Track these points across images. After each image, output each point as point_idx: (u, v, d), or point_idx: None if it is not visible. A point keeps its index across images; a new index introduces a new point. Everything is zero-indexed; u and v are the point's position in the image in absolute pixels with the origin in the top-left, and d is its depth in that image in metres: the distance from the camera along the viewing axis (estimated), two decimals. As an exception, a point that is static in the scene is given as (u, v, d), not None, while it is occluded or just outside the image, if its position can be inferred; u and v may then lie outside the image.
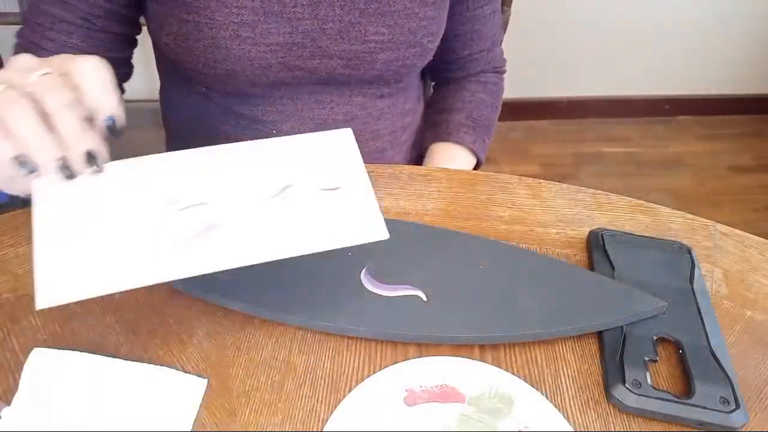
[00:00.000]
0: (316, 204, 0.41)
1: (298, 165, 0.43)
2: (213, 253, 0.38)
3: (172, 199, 0.40)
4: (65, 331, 0.46)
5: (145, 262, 0.37)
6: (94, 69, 0.40)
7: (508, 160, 1.97)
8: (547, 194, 0.62)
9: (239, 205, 0.40)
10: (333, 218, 0.41)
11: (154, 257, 0.37)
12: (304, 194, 0.42)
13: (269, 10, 0.61)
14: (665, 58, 2.13)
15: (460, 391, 0.43)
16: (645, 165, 2.04)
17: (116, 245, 0.38)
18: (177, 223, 0.39)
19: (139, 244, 0.38)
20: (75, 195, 0.39)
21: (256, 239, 0.39)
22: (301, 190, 0.42)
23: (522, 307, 0.48)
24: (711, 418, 0.42)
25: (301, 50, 0.63)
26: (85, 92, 0.40)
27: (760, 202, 1.94)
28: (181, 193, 0.40)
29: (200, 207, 0.40)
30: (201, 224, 0.39)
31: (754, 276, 0.55)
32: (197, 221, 0.39)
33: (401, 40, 0.65)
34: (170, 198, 0.40)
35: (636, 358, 0.45)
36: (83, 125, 0.39)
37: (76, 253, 0.37)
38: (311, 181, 0.42)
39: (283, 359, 0.46)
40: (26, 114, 0.38)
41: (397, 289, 0.49)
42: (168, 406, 0.42)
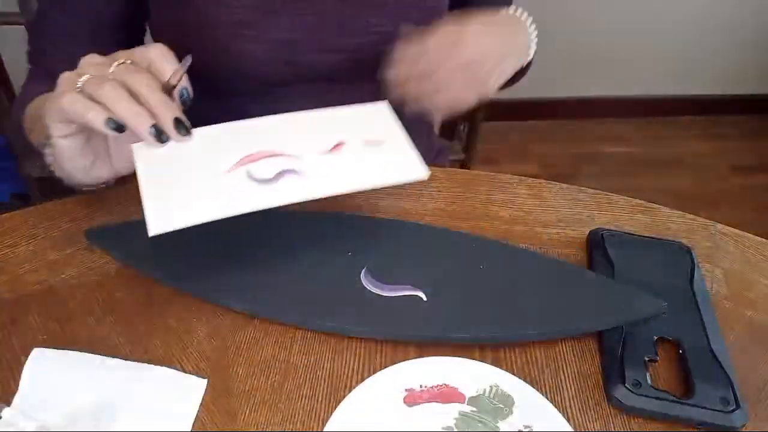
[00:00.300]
0: (366, 154, 0.49)
1: (347, 126, 0.51)
2: (287, 189, 0.46)
3: (250, 151, 0.47)
4: (65, 331, 0.46)
5: (234, 197, 0.44)
6: (161, 53, 0.47)
7: (508, 160, 1.97)
8: (547, 194, 0.62)
9: (303, 157, 0.48)
10: (381, 163, 0.49)
11: (241, 193, 0.45)
12: (355, 147, 0.49)
13: (269, 7, 0.61)
14: (665, 58, 2.13)
15: (460, 391, 0.43)
16: (645, 165, 2.04)
17: (209, 185, 0.45)
18: (255, 169, 0.46)
19: (227, 184, 0.45)
20: (169, 151, 0.46)
21: (321, 180, 0.47)
22: (352, 145, 0.49)
23: (522, 307, 0.48)
24: (711, 418, 0.42)
25: (303, 45, 0.63)
26: (160, 72, 0.46)
27: (760, 202, 1.93)
28: (256, 148, 0.48)
29: (272, 158, 0.47)
30: (274, 171, 0.46)
31: (754, 276, 0.55)
32: (271, 169, 0.46)
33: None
34: (247, 150, 0.47)
35: (636, 358, 0.45)
36: (166, 98, 0.45)
37: (176, 192, 0.44)
38: (359, 137, 0.50)
39: (283, 359, 0.45)
40: (118, 91, 0.44)
41: (397, 289, 0.49)
42: (168, 406, 0.42)
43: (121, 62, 0.46)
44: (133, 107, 0.44)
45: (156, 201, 0.43)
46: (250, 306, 0.48)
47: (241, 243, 0.52)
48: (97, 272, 0.51)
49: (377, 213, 0.57)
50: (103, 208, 0.57)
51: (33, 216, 0.55)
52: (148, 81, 0.45)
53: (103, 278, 0.50)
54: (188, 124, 0.46)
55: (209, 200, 0.44)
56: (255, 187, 0.45)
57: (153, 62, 0.46)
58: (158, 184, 0.45)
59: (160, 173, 0.45)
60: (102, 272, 0.51)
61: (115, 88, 0.44)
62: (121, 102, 0.43)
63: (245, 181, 0.45)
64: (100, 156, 0.49)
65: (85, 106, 0.43)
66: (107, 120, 0.43)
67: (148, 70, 0.46)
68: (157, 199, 0.44)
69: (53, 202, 0.57)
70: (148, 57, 0.46)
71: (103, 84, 0.44)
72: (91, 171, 0.49)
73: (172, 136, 0.46)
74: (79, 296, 0.49)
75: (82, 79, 0.45)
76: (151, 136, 0.45)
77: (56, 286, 0.49)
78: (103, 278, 0.50)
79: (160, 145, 0.46)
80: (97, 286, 0.50)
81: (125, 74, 0.45)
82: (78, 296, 0.49)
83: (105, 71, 0.45)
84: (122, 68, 0.46)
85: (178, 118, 0.46)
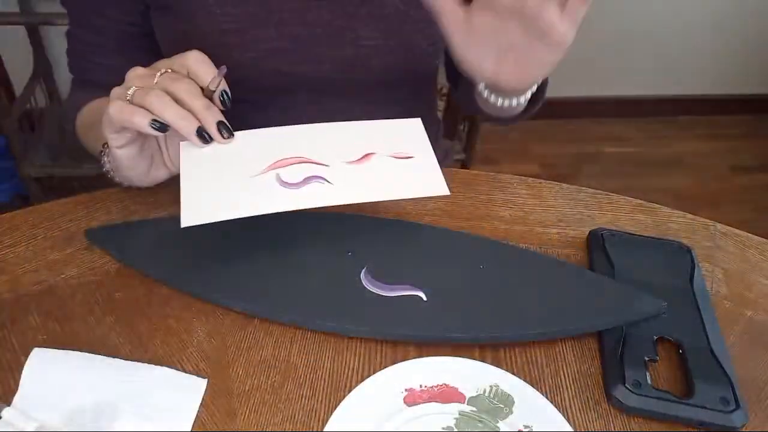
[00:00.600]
0: (392, 166, 0.51)
1: (378, 139, 0.53)
2: (311, 194, 0.48)
3: (282, 156, 0.50)
4: (65, 331, 0.46)
5: (261, 198, 0.47)
6: (199, 60, 0.50)
7: (508, 160, 1.97)
8: (547, 194, 0.62)
9: (331, 165, 0.50)
10: (405, 177, 0.51)
11: (268, 195, 0.48)
12: (382, 160, 0.52)
13: (256, 16, 0.60)
14: (666, 58, 2.13)
15: (460, 391, 0.43)
16: (645, 165, 2.04)
17: (241, 185, 0.48)
18: (284, 173, 0.49)
19: (257, 185, 0.48)
20: (211, 150, 0.50)
21: (344, 188, 0.49)
22: (380, 157, 0.52)
23: (522, 307, 0.48)
24: (711, 418, 0.42)
25: (291, 55, 0.62)
26: (198, 77, 0.50)
27: (761, 202, 1.93)
28: (288, 154, 0.51)
29: (301, 164, 0.50)
30: (302, 176, 0.49)
31: (754, 276, 0.55)
32: (299, 174, 0.49)
33: (396, 44, 0.64)
34: (280, 155, 0.50)
35: (636, 358, 0.45)
36: (208, 102, 0.49)
37: (211, 189, 0.48)
38: (388, 151, 0.52)
39: (283, 359, 0.46)
40: (163, 98, 0.47)
41: (397, 289, 0.49)
42: (168, 406, 0.42)
43: (163, 71, 0.49)
44: (179, 112, 0.48)
45: (191, 196, 0.47)
46: (250, 306, 0.48)
47: (241, 243, 0.52)
48: (97, 272, 0.51)
49: (377, 213, 0.57)
50: (103, 208, 0.57)
51: (33, 216, 0.55)
52: (189, 87, 0.48)
53: (103, 278, 0.50)
54: (230, 127, 0.50)
55: (238, 199, 0.47)
56: (282, 190, 0.48)
57: (191, 69, 0.50)
58: (196, 180, 0.48)
59: (200, 171, 0.49)
60: (102, 272, 0.51)
61: (160, 95, 0.47)
62: (168, 108, 0.47)
63: (274, 183, 0.48)
64: (155, 160, 0.54)
65: (131, 112, 0.47)
66: (151, 121, 0.47)
67: (189, 77, 0.50)
68: (193, 194, 0.47)
69: (53, 202, 0.57)
70: (186, 64, 0.50)
71: (150, 93, 0.47)
72: (149, 175, 0.54)
73: (216, 138, 0.50)
74: (79, 296, 0.49)
75: (130, 91, 0.48)
76: (197, 138, 0.49)
77: (56, 286, 0.49)
78: (103, 278, 0.50)
79: (205, 145, 0.50)
80: (97, 286, 0.50)
81: (168, 82, 0.48)
82: (78, 296, 0.49)
83: (150, 82, 0.49)
84: (165, 77, 0.49)
85: (221, 122, 0.49)
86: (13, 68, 1.72)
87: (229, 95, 0.51)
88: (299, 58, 0.63)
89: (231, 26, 0.60)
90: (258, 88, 0.64)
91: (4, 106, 1.46)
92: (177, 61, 0.50)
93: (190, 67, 0.50)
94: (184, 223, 0.45)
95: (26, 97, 1.59)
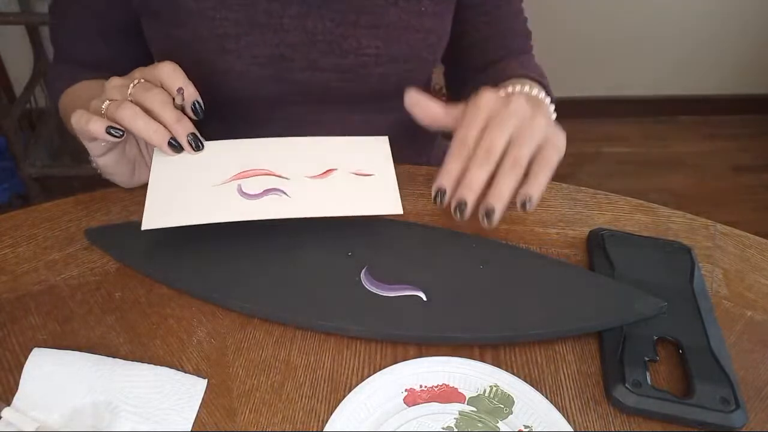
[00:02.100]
0: (351, 183, 0.53)
1: (342, 155, 0.55)
2: (267, 206, 0.50)
3: (246, 167, 0.53)
4: (65, 331, 0.46)
5: (219, 207, 0.49)
6: (172, 71, 0.51)
7: (508, 160, 1.96)
8: (547, 194, 0.62)
9: (292, 178, 0.52)
10: (361, 194, 0.52)
11: (226, 204, 0.50)
12: (343, 176, 0.53)
13: (254, 22, 0.59)
14: (665, 58, 2.13)
15: (460, 391, 0.43)
16: (645, 165, 2.04)
17: (203, 193, 0.50)
18: (245, 185, 0.51)
19: (218, 194, 0.50)
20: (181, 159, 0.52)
21: (300, 202, 0.51)
22: (341, 173, 0.53)
23: (522, 307, 0.48)
24: (711, 418, 0.42)
25: (291, 63, 0.62)
26: (171, 89, 0.51)
27: (761, 202, 1.93)
28: (252, 165, 0.53)
29: (262, 176, 0.52)
30: (261, 188, 0.51)
31: (754, 276, 0.55)
32: (259, 186, 0.51)
33: (398, 53, 0.63)
34: (244, 166, 0.53)
35: (636, 358, 0.45)
36: (179, 114, 0.51)
37: (174, 195, 0.50)
38: (349, 167, 0.54)
39: (283, 359, 0.46)
40: (134, 110, 0.49)
41: (397, 289, 0.49)
42: (168, 406, 0.42)
43: (137, 82, 0.51)
44: (149, 124, 0.49)
45: (155, 201, 0.49)
46: (250, 306, 0.48)
47: (241, 243, 0.52)
48: (97, 272, 0.51)
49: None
50: (103, 208, 0.57)
51: (33, 216, 0.55)
52: (161, 97, 0.50)
53: (103, 278, 0.50)
54: (200, 138, 0.52)
55: (198, 206, 0.49)
56: (240, 201, 0.50)
57: (163, 81, 0.51)
58: (162, 187, 0.50)
59: (167, 177, 0.51)
60: (102, 272, 0.51)
61: (130, 107, 0.49)
62: (138, 119, 0.49)
63: (234, 193, 0.51)
64: (138, 163, 0.56)
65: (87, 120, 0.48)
66: (108, 128, 0.48)
67: (161, 87, 0.51)
68: (157, 199, 0.49)
69: (53, 202, 0.57)
70: (158, 76, 0.51)
71: (121, 105, 0.49)
72: (133, 178, 0.56)
73: (186, 149, 0.52)
74: (79, 296, 0.49)
75: (104, 105, 0.50)
76: (168, 148, 0.51)
77: (56, 286, 0.50)
78: (103, 278, 0.50)
79: (176, 155, 0.52)
80: (97, 286, 0.50)
81: (141, 93, 0.50)
82: (78, 296, 0.49)
83: (125, 93, 0.50)
84: (138, 87, 0.50)
85: (192, 133, 0.51)
86: (13, 68, 1.72)
87: (202, 105, 0.52)
88: (299, 66, 0.62)
89: (229, 31, 0.59)
90: (254, 95, 0.63)
91: (4, 106, 1.46)
92: (150, 72, 0.51)
93: (162, 78, 0.51)
94: (144, 226, 0.48)
95: (26, 97, 1.59)
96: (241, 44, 0.60)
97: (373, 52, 0.62)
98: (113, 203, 0.57)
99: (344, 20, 0.61)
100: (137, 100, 0.50)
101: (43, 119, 1.65)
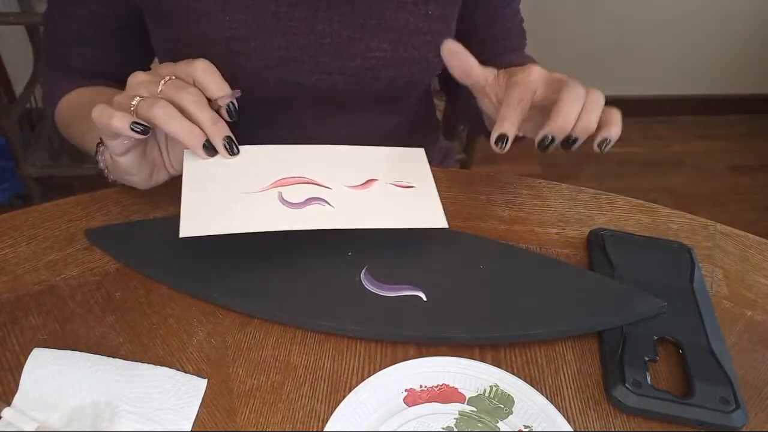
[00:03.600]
0: (393, 195, 0.52)
1: (381, 166, 0.54)
2: (311, 216, 0.49)
3: (285, 174, 0.51)
4: (65, 331, 0.46)
5: (262, 216, 0.48)
6: (207, 71, 0.48)
7: (508, 160, 1.97)
8: (547, 194, 0.62)
9: (333, 188, 0.51)
10: (405, 207, 0.51)
11: (269, 213, 0.48)
12: (384, 187, 0.52)
13: (263, 24, 0.59)
14: (665, 58, 2.13)
15: (460, 391, 0.43)
16: (645, 165, 2.04)
17: (242, 200, 0.48)
18: (287, 193, 0.50)
19: (259, 202, 0.48)
20: (214, 162, 0.50)
21: (344, 213, 0.49)
22: (381, 184, 0.52)
23: (522, 307, 0.48)
24: (711, 418, 0.42)
25: (299, 65, 0.62)
26: (206, 88, 0.48)
27: (761, 202, 1.94)
28: (292, 173, 0.51)
29: (304, 185, 0.51)
30: (303, 197, 0.50)
31: (754, 276, 0.55)
32: (301, 194, 0.50)
33: (405, 56, 0.63)
34: (283, 173, 0.51)
35: (636, 358, 0.45)
36: (215, 116, 0.48)
37: (212, 202, 0.48)
38: (390, 178, 0.53)
39: (283, 359, 0.46)
40: (170, 110, 0.46)
41: (397, 289, 0.49)
42: (168, 406, 0.42)
43: (168, 79, 0.48)
44: (185, 125, 0.47)
45: (192, 207, 0.47)
46: (250, 306, 0.48)
47: (241, 243, 0.52)
48: (97, 272, 0.51)
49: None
50: (103, 208, 0.57)
51: (33, 216, 0.55)
52: (196, 98, 0.47)
53: (103, 278, 0.50)
54: (236, 142, 0.50)
55: (239, 214, 0.47)
56: (283, 209, 0.48)
57: (198, 79, 0.48)
58: (197, 191, 0.48)
59: (202, 182, 0.49)
60: (102, 272, 0.51)
61: (165, 107, 0.46)
62: (174, 120, 0.46)
63: (275, 201, 0.49)
64: (157, 164, 0.53)
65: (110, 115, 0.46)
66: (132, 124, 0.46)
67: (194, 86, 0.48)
68: (193, 205, 0.47)
69: (53, 202, 0.57)
70: (192, 74, 0.48)
71: (155, 104, 0.46)
72: (151, 179, 0.53)
73: (222, 153, 0.50)
74: (79, 296, 0.49)
75: (134, 101, 0.47)
76: (203, 151, 0.49)
77: (56, 286, 0.49)
78: (103, 278, 0.50)
79: (209, 158, 0.49)
80: (97, 286, 0.50)
81: (173, 91, 0.47)
82: (78, 296, 0.49)
83: (154, 90, 0.48)
84: (170, 85, 0.48)
85: (227, 136, 0.49)
86: (13, 68, 1.72)
87: (237, 106, 0.50)
88: (307, 69, 0.62)
89: (238, 33, 0.59)
90: (263, 97, 0.63)
91: (4, 106, 1.46)
92: (183, 69, 0.49)
93: (197, 76, 0.48)
94: (182, 233, 0.45)
95: (26, 97, 1.59)
96: (249, 47, 0.60)
97: (381, 55, 0.63)
98: (113, 203, 0.57)
99: (352, 23, 0.61)
100: (170, 99, 0.47)
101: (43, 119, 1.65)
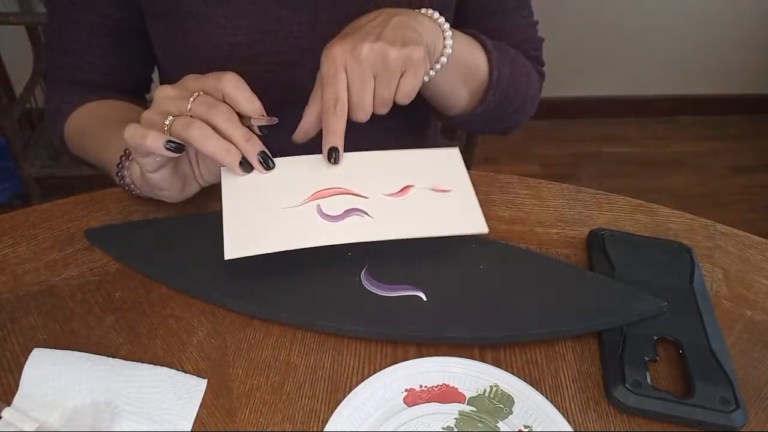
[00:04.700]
0: (432, 201, 0.51)
1: (416, 170, 0.53)
2: (352, 229, 0.48)
3: (322, 186, 0.50)
4: (65, 331, 0.46)
5: (304, 231, 0.47)
6: (236, 83, 0.48)
7: (508, 160, 1.97)
8: (547, 194, 0.62)
9: (371, 197, 0.50)
10: (445, 213, 0.50)
11: (310, 228, 0.48)
12: (422, 193, 0.51)
13: (265, 29, 0.59)
14: (665, 57, 2.13)
15: (460, 391, 0.43)
16: (645, 165, 2.04)
17: (282, 216, 0.48)
18: (325, 205, 0.49)
19: (299, 217, 0.48)
20: (251, 179, 0.50)
21: (384, 224, 0.49)
22: (419, 190, 0.51)
23: (522, 307, 0.48)
24: (711, 418, 0.42)
25: (300, 69, 0.62)
26: (236, 103, 0.48)
27: (761, 202, 1.94)
28: (328, 184, 0.50)
29: (342, 195, 0.50)
30: (342, 209, 0.49)
31: (754, 276, 0.55)
32: (340, 206, 0.49)
33: None
34: (319, 185, 0.50)
35: (636, 358, 0.45)
36: (249, 133, 0.48)
37: (253, 220, 0.48)
38: (427, 183, 0.52)
39: (283, 359, 0.46)
40: (205, 131, 0.46)
41: (397, 289, 0.49)
42: (168, 406, 0.42)
43: (197, 95, 0.47)
44: (222, 144, 0.47)
45: (234, 227, 0.47)
46: (250, 306, 0.48)
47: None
48: (97, 272, 0.51)
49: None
50: (103, 208, 0.57)
51: (33, 216, 0.55)
52: (229, 116, 0.47)
53: (103, 278, 0.50)
54: (271, 157, 0.50)
55: (280, 232, 0.47)
56: (323, 223, 0.48)
57: (228, 94, 0.48)
58: (238, 210, 0.48)
59: (241, 200, 0.49)
60: (102, 272, 0.51)
61: (202, 128, 0.46)
62: (210, 140, 0.46)
63: (315, 215, 0.48)
64: (188, 177, 0.53)
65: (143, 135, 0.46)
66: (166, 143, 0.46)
67: (225, 101, 0.48)
68: (235, 225, 0.47)
69: (53, 202, 0.57)
70: (222, 89, 0.48)
71: (191, 125, 0.46)
72: (182, 193, 0.53)
73: (258, 169, 0.49)
74: (79, 296, 0.49)
75: (167, 121, 0.47)
76: (240, 169, 0.48)
77: (56, 286, 0.50)
78: (103, 278, 0.50)
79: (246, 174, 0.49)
80: (97, 286, 0.50)
81: (204, 109, 0.47)
82: (78, 296, 0.49)
83: (184, 106, 0.47)
84: (201, 102, 0.47)
85: (262, 152, 0.49)
86: (13, 68, 1.72)
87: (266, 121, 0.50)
88: (308, 70, 0.62)
89: (240, 38, 0.59)
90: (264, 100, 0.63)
91: (4, 106, 1.46)
92: (212, 83, 0.48)
93: (226, 91, 0.48)
94: (227, 256, 0.45)
95: (26, 97, 1.59)
96: (252, 51, 0.60)
97: None
98: (113, 203, 0.57)
99: None
100: (201, 116, 0.47)
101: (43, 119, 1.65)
